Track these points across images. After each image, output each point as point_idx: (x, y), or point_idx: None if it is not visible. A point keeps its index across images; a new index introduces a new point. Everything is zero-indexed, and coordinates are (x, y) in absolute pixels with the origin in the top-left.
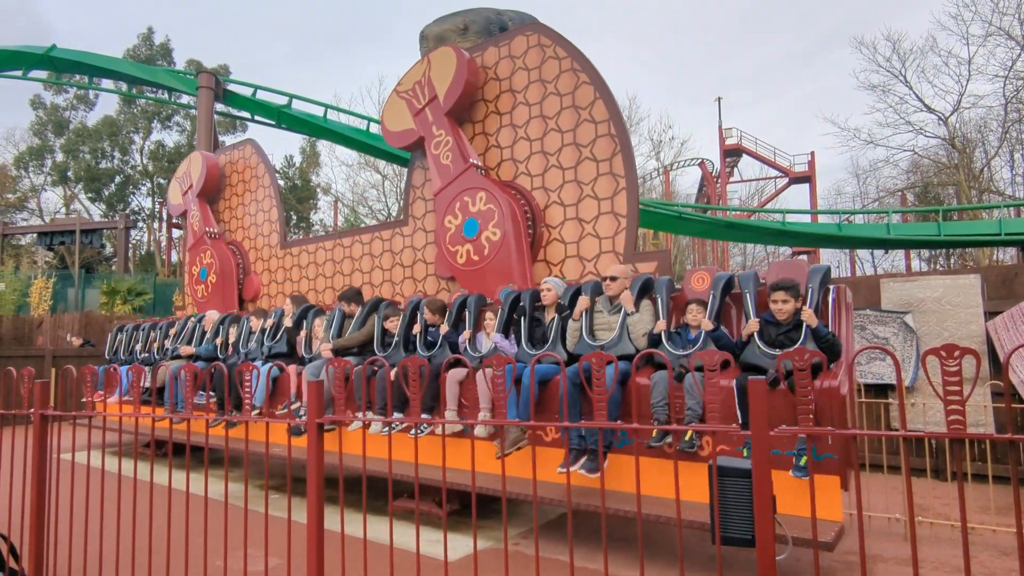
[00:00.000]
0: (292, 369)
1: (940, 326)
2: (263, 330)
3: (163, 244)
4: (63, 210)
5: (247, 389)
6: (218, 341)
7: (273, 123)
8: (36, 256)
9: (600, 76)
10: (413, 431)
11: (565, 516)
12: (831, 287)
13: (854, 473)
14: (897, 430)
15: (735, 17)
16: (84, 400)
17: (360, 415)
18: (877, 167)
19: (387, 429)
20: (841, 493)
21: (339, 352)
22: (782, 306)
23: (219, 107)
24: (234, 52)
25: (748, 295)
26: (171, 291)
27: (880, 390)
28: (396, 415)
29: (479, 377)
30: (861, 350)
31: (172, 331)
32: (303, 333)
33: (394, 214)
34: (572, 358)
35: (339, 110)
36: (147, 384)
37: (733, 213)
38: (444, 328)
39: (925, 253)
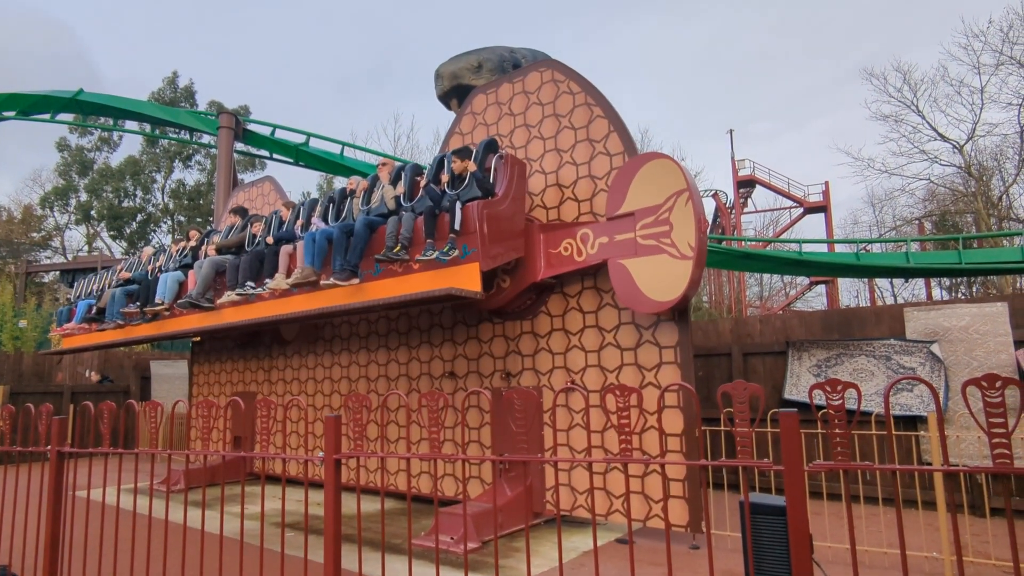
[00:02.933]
0: (191, 272)
1: (968, 355)
2: (180, 252)
3: None
4: (86, 248)
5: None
6: (150, 268)
7: (291, 161)
8: (58, 293)
9: (614, 109)
10: (261, 288)
11: (609, 544)
12: (500, 153)
13: (896, 509)
14: (930, 463)
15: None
16: (50, 334)
17: (227, 293)
18: (893, 196)
19: (243, 292)
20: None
21: (220, 250)
22: (455, 165)
23: (239, 146)
24: (255, 94)
25: (446, 162)
26: None
27: (908, 422)
28: (249, 283)
29: (287, 249)
30: (896, 381)
31: (120, 267)
32: (203, 248)
33: None
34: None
35: (355, 147)
36: (96, 307)
37: (749, 243)
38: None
39: (946, 282)
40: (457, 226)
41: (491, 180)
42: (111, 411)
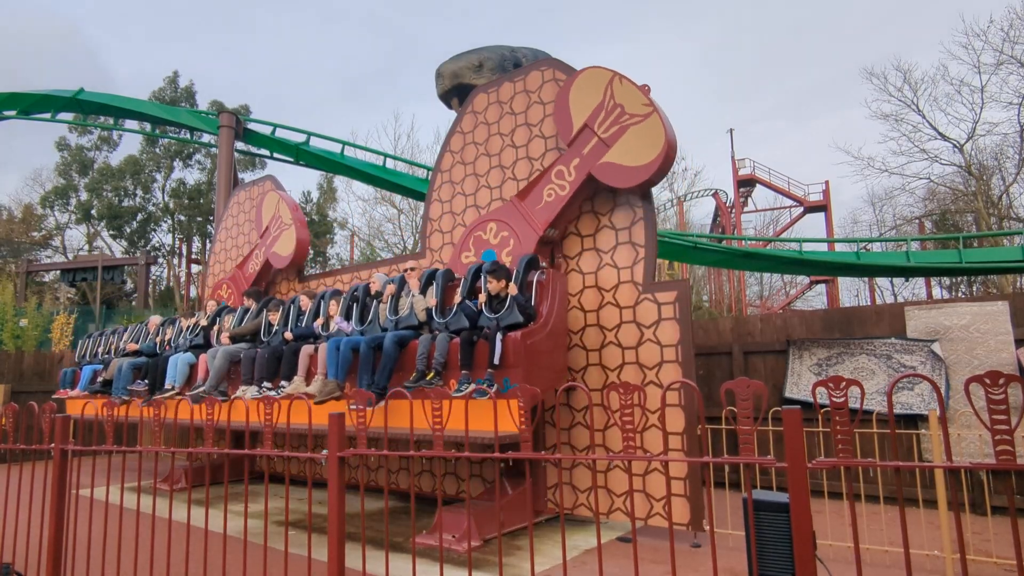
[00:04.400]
0: (202, 357)
1: (969, 354)
2: (190, 328)
3: (182, 280)
4: (86, 247)
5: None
6: (157, 340)
7: (291, 160)
8: (59, 293)
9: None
10: (276, 391)
11: (611, 543)
12: (540, 269)
13: (899, 507)
14: (930, 461)
15: (752, 54)
16: (53, 396)
17: (243, 388)
18: (893, 195)
19: (259, 393)
20: None
21: (235, 339)
22: (490, 285)
23: (239, 145)
24: (255, 94)
25: (483, 277)
26: None
27: (909, 420)
28: (266, 384)
29: (320, 349)
30: (899, 378)
31: (126, 335)
32: (216, 327)
33: (410, 248)
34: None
35: (356, 146)
36: (102, 378)
37: (749, 242)
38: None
39: (946, 281)
40: (497, 360)
41: (532, 302)
42: (115, 409)
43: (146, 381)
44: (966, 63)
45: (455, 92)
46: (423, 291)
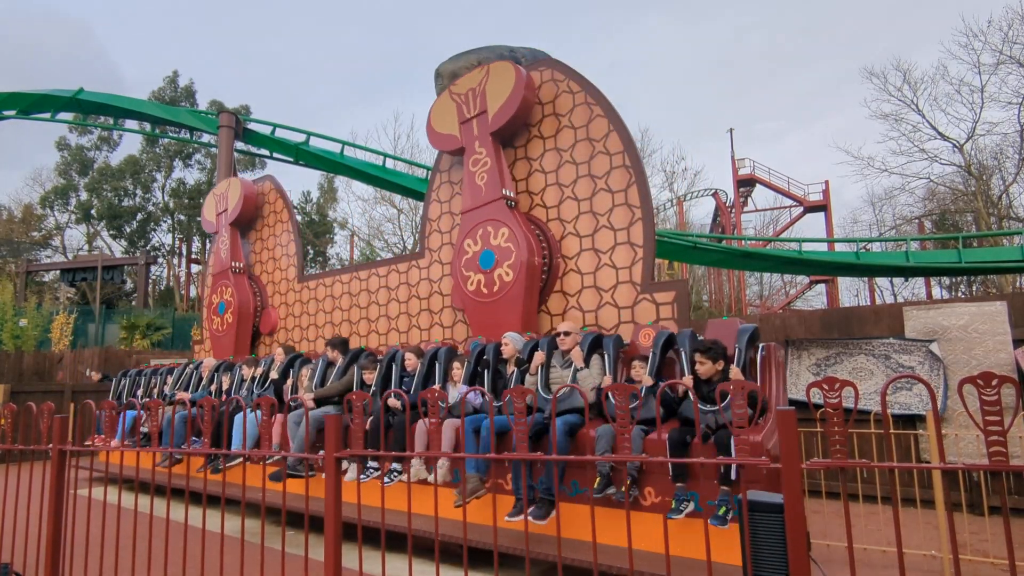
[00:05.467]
0: (278, 418)
1: (968, 354)
2: (253, 379)
3: (182, 279)
4: (86, 247)
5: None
6: (212, 388)
7: (291, 160)
8: (58, 292)
9: (614, 109)
10: (387, 479)
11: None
12: (760, 345)
13: (894, 507)
14: (928, 462)
15: (755, 54)
16: (87, 444)
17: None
18: (893, 195)
19: (363, 477)
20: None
21: (319, 401)
22: (699, 367)
23: (239, 145)
24: (255, 94)
25: (684, 353)
26: (189, 325)
27: (907, 420)
28: (372, 465)
29: (445, 426)
30: (893, 379)
31: (171, 378)
32: (290, 382)
33: (409, 247)
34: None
35: (356, 146)
36: (146, 429)
37: (749, 242)
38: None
39: (946, 281)
40: (735, 475)
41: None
42: (113, 409)
43: (204, 440)
44: (966, 63)
45: None
46: (586, 360)
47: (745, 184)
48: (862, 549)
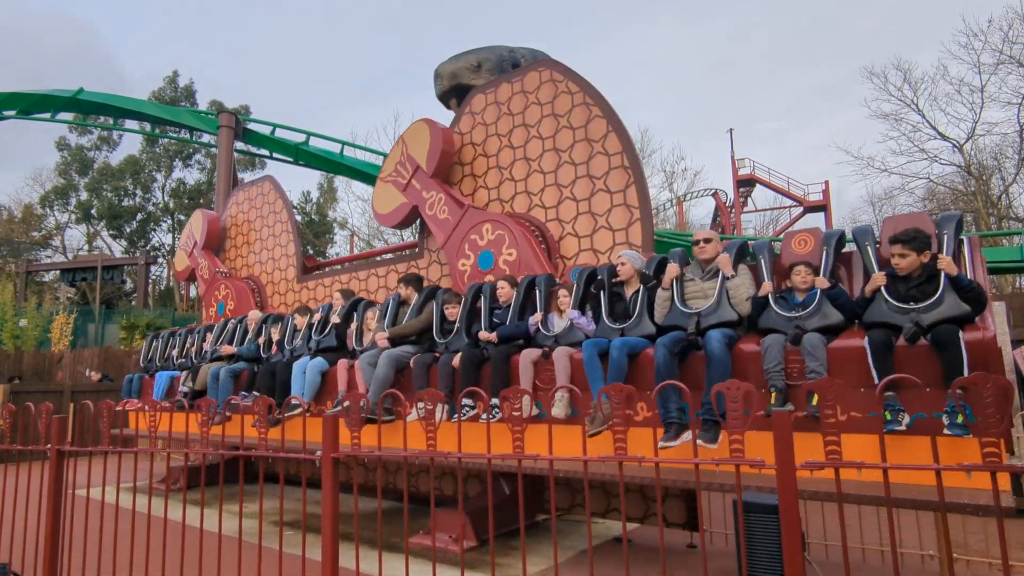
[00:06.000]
0: (341, 364)
1: None
2: (310, 325)
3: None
4: (86, 247)
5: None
6: (260, 340)
7: (291, 160)
8: (58, 292)
9: (612, 109)
10: (484, 416)
11: (608, 543)
12: (964, 237)
13: (887, 509)
14: None
15: (757, 55)
16: (117, 409)
17: (418, 406)
18: (893, 195)
19: (455, 417)
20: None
21: (396, 340)
22: (899, 260)
23: (239, 145)
24: (256, 94)
25: (869, 248)
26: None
27: None
28: (465, 401)
29: (557, 355)
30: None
31: (210, 335)
32: (353, 326)
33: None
34: (659, 332)
35: (355, 146)
36: (185, 388)
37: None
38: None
39: None
40: (967, 370)
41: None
42: (110, 410)
43: (254, 393)
44: (966, 63)
45: (453, 93)
46: (738, 258)
47: (745, 184)
48: (861, 549)
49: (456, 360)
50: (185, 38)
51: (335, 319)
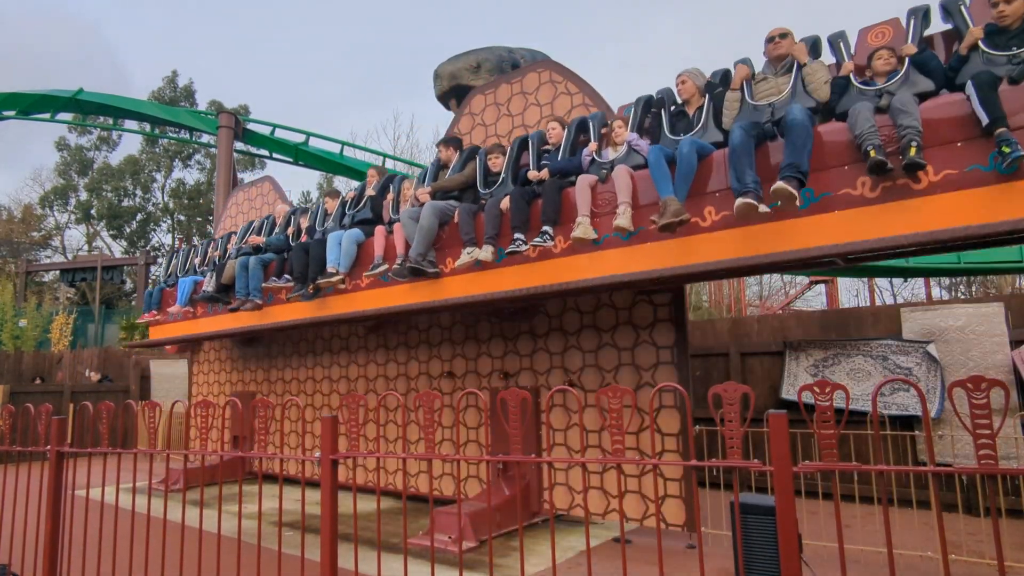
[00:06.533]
0: (379, 230)
1: (965, 356)
2: (343, 203)
3: None
4: (86, 247)
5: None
6: (289, 231)
7: (291, 160)
8: (58, 293)
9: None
10: (537, 240)
11: (607, 544)
12: None
13: (883, 509)
14: (925, 464)
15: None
16: (138, 322)
17: (469, 251)
18: None
19: (503, 256)
20: None
21: (437, 195)
22: (1004, 7)
23: (238, 145)
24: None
25: (963, 7)
26: None
27: (905, 422)
28: (517, 236)
29: (618, 172)
30: (884, 382)
31: (235, 237)
32: (390, 196)
33: None
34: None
35: (355, 147)
36: (210, 288)
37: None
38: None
39: (945, 281)
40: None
41: None
42: (110, 411)
43: (285, 276)
44: None
45: (453, 93)
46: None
47: None
48: (858, 550)
49: (505, 202)
50: (185, 38)
51: (370, 191)
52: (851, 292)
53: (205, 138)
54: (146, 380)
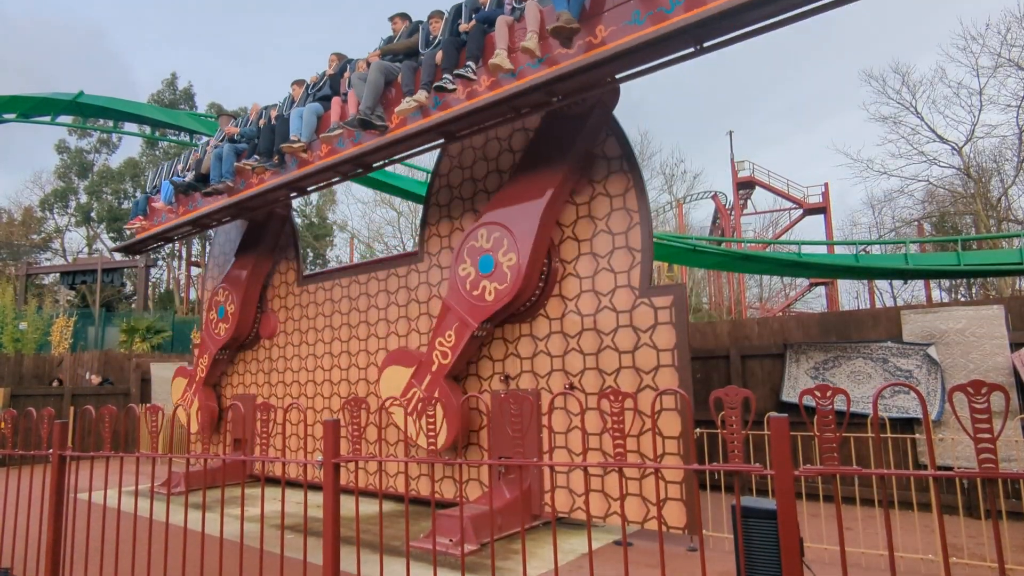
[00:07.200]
0: (335, 100)
1: (965, 358)
2: (307, 86)
3: (182, 282)
4: (86, 250)
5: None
6: (261, 123)
7: None
8: (58, 295)
9: (612, 113)
10: (460, 71)
11: (608, 546)
12: None
13: (884, 512)
14: (925, 467)
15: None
16: (125, 228)
17: (408, 100)
18: (892, 197)
19: (438, 103)
20: None
21: (386, 54)
22: None
23: None
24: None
25: None
26: (189, 328)
27: (906, 424)
28: (447, 76)
29: (528, 6)
30: (885, 386)
31: (213, 140)
32: (347, 75)
33: (409, 250)
34: None
35: None
36: (188, 178)
37: (748, 245)
38: None
39: (945, 283)
40: None
41: None
42: (111, 414)
43: (255, 157)
44: (964, 66)
45: None
46: None
47: (744, 186)
48: (860, 553)
49: (440, 55)
50: (185, 40)
51: (329, 71)
52: (851, 294)
53: (204, 140)
54: (146, 383)
